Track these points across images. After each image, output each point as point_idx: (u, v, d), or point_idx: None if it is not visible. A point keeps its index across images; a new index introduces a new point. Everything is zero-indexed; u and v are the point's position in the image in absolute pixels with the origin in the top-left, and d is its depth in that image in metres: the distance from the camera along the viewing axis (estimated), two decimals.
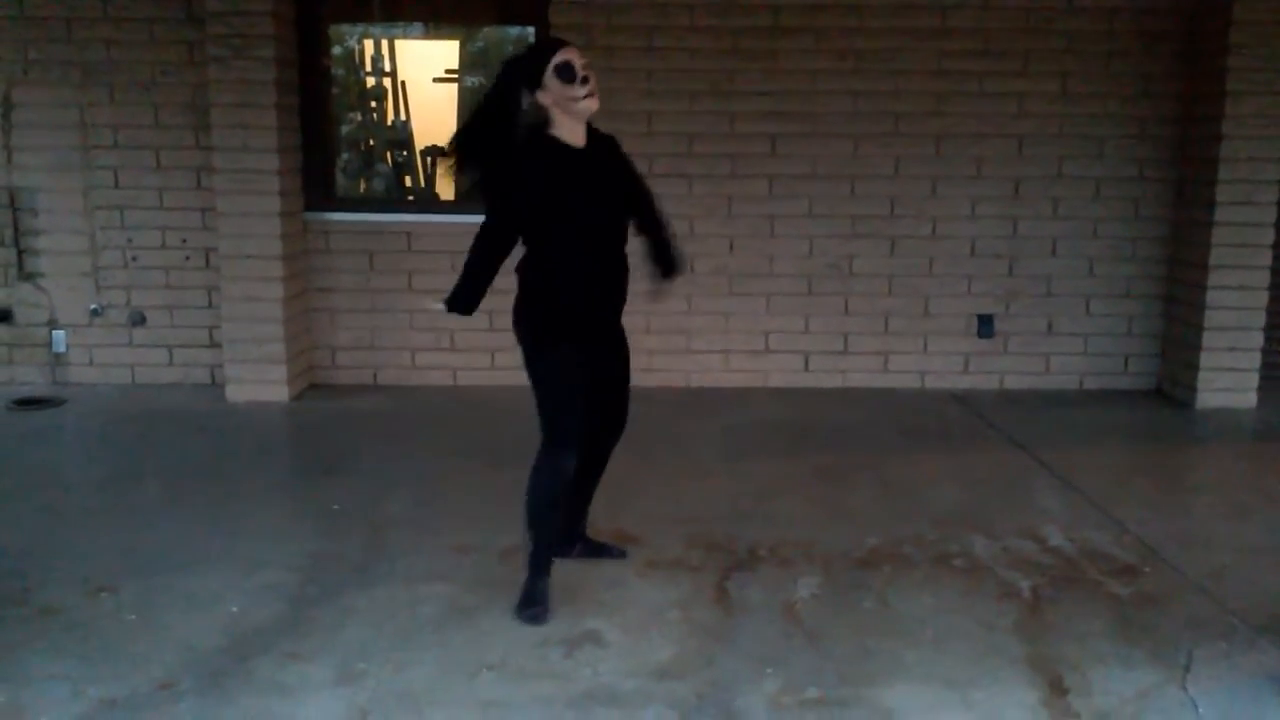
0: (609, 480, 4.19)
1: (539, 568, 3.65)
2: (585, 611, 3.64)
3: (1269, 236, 6.41)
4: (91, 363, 6.92)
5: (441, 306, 3.63)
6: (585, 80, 3.45)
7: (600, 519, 4.46)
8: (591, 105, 3.49)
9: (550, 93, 3.45)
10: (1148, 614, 3.69)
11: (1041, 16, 6.68)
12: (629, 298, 3.75)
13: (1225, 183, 6.34)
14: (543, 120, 3.52)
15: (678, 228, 3.92)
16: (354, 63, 7.75)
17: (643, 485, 5.00)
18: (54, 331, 6.86)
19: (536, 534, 3.64)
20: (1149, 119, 6.78)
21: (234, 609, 3.65)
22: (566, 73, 3.43)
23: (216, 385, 6.77)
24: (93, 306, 6.84)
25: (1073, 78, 6.74)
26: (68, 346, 6.88)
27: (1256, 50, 6.21)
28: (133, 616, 3.59)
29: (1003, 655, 3.39)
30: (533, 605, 3.59)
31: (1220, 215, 6.37)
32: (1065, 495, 4.94)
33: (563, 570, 3.93)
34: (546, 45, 3.69)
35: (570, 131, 3.52)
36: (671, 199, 6.35)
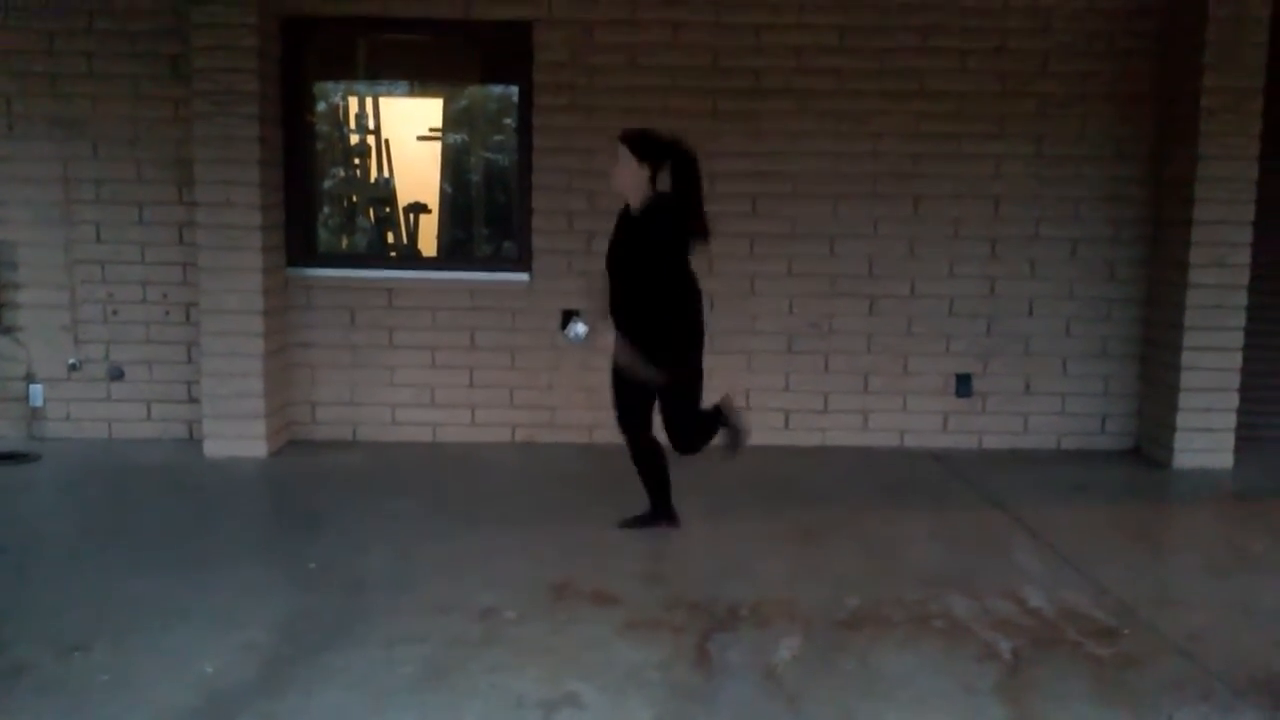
0: (589, 539, 4.16)
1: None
2: (564, 672, 3.60)
3: (1242, 298, 6.49)
4: (69, 417, 6.87)
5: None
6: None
7: (580, 578, 4.46)
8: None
9: None
10: (1128, 675, 3.69)
11: (1016, 81, 6.80)
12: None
13: (1198, 245, 6.42)
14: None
15: None
16: (338, 119, 7.82)
17: (622, 543, 4.99)
18: (31, 385, 6.82)
19: None
20: (1123, 180, 6.88)
21: (209, 669, 3.60)
22: None
23: (194, 440, 6.72)
24: (71, 361, 6.81)
25: (1048, 140, 6.85)
26: (45, 401, 6.84)
27: (1228, 115, 6.33)
28: (105, 676, 3.53)
29: (984, 717, 3.37)
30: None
31: (1194, 277, 6.45)
32: (1044, 555, 4.95)
33: (541, 631, 3.93)
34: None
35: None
36: None
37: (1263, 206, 6.44)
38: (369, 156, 7.86)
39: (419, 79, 7.88)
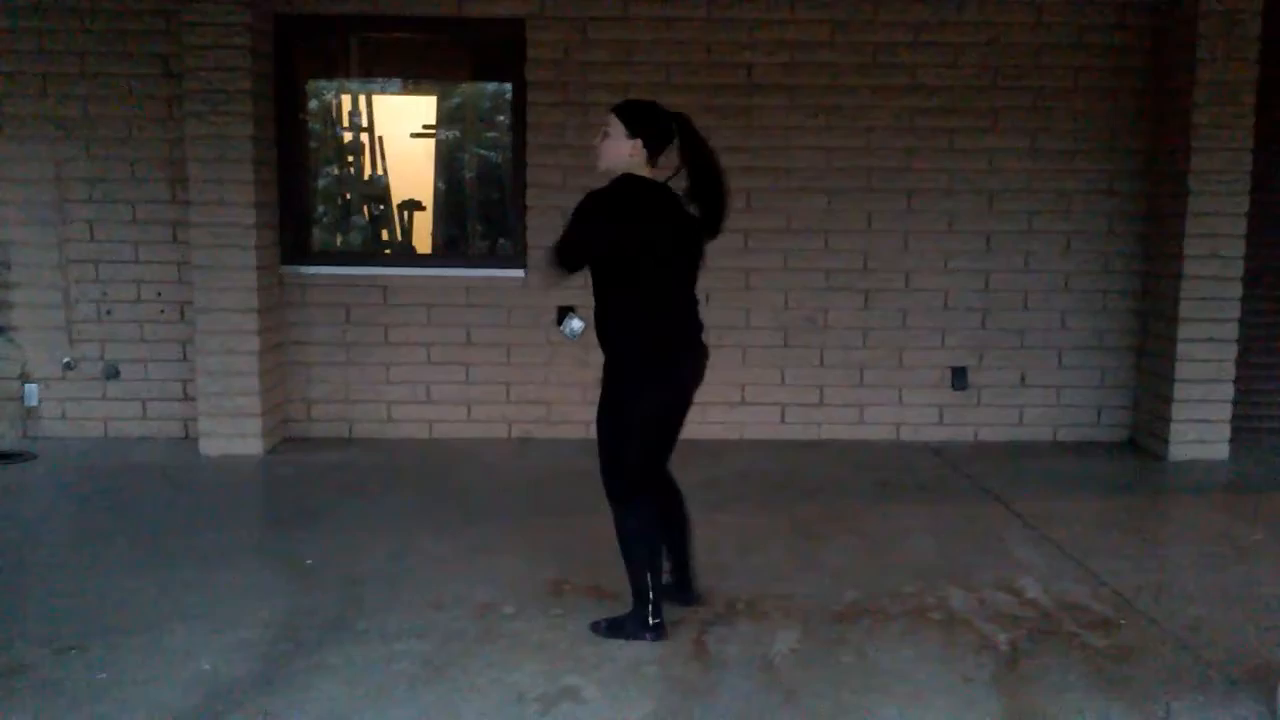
0: (586, 534, 4.17)
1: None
2: (563, 668, 3.61)
3: (1237, 289, 6.49)
4: (64, 416, 6.86)
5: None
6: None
7: (578, 573, 4.46)
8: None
9: None
10: (1125, 666, 3.70)
11: (1009, 75, 6.80)
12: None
13: (1192, 236, 6.43)
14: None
15: None
16: (331, 117, 7.80)
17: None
18: (26, 385, 6.81)
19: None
20: (1117, 174, 6.89)
21: (206, 666, 3.60)
22: None
23: (190, 439, 6.72)
24: (66, 360, 6.80)
25: (1041, 134, 6.85)
26: (40, 400, 6.83)
27: (1221, 108, 6.34)
28: (103, 675, 3.53)
29: (981, 709, 3.38)
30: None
31: (1188, 269, 6.46)
32: (1041, 547, 4.95)
33: (538, 626, 3.94)
34: None
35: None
36: None
37: (1257, 199, 6.45)
38: (363, 154, 7.84)
39: (412, 76, 7.88)
